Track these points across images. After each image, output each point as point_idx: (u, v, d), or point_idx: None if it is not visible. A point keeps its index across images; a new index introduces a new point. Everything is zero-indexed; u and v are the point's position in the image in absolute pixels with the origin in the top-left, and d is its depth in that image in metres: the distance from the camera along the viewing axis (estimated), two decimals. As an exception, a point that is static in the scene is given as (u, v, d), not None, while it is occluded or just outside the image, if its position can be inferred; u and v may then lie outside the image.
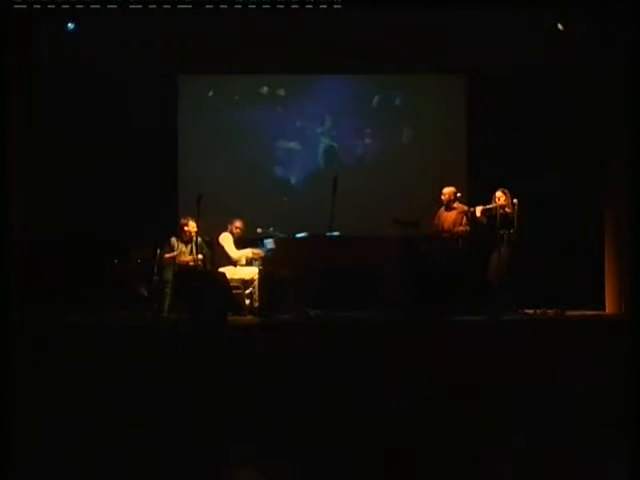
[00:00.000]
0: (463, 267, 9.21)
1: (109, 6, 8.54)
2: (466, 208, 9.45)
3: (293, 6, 8.62)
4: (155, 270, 9.26)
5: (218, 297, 8.63)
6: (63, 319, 8.69)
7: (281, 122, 10.81)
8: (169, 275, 9.29)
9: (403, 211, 9.45)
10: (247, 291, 9.43)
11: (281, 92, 10.84)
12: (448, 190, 9.50)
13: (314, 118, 10.85)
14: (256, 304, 9.29)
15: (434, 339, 7.40)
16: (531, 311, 9.13)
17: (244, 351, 7.07)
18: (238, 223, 9.58)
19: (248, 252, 9.57)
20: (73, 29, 9.46)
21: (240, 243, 9.64)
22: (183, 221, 9.46)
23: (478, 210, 9.20)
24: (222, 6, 8.62)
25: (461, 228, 9.40)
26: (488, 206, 9.17)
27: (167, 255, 9.39)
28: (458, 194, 9.52)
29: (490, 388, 6.38)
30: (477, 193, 9.90)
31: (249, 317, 9.21)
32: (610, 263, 9.62)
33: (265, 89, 10.82)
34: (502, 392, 6.37)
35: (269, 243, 9.26)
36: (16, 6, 8.32)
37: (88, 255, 9.69)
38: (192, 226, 9.36)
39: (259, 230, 9.56)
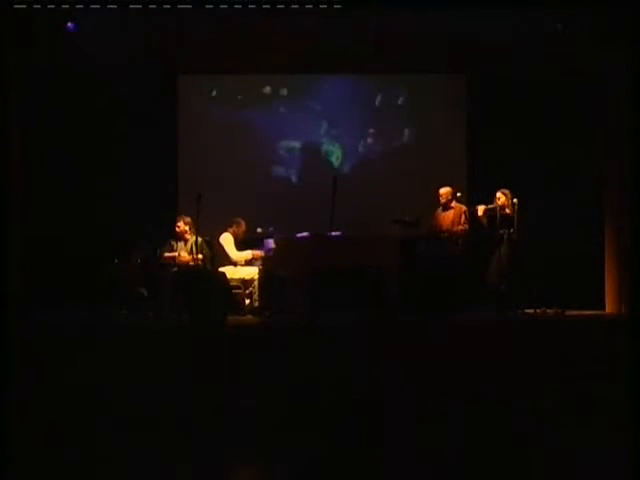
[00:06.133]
0: (463, 267, 9.22)
1: (109, 6, 8.54)
2: (464, 208, 9.46)
3: (293, 6, 8.62)
4: (155, 270, 9.26)
5: (218, 297, 8.63)
6: (62, 319, 8.69)
7: (281, 122, 10.81)
8: (169, 275, 9.29)
9: (403, 211, 9.45)
10: (247, 291, 9.43)
11: (281, 92, 10.84)
12: (444, 190, 9.51)
13: (314, 118, 10.85)
14: (256, 304, 9.30)
15: (434, 339, 7.41)
16: (531, 311, 9.14)
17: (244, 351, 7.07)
18: (240, 224, 9.58)
19: (248, 254, 9.57)
20: (73, 29, 9.46)
21: (241, 243, 9.64)
22: (177, 219, 9.49)
23: (480, 209, 9.20)
24: (222, 6, 8.63)
25: (460, 227, 9.41)
26: (490, 206, 9.17)
27: (167, 255, 9.39)
28: (458, 194, 9.52)
29: (490, 388, 6.38)
30: (477, 193, 9.91)
31: (249, 317, 9.21)
32: (610, 263, 9.63)
33: (265, 89, 10.82)
34: (502, 392, 6.37)
35: (269, 243, 9.26)
36: (16, 6, 8.33)
37: (88, 255, 9.70)
38: (185, 223, 9.38)
39: (259, 230, 9.56)
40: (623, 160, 8.76)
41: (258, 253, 9.49)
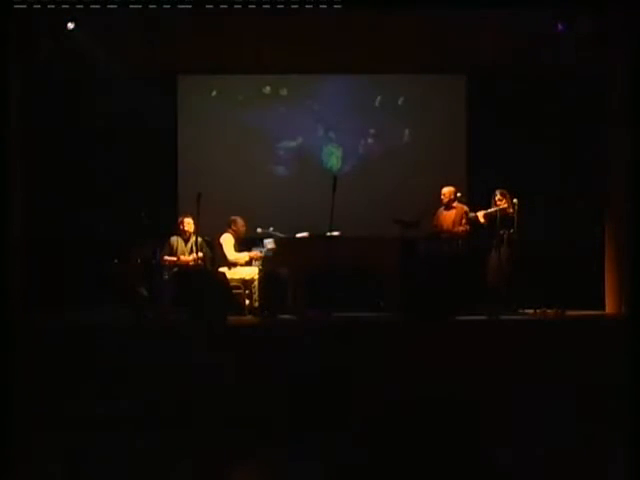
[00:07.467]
0: (463, 267, 9.20)
1: (109, 6, 8.54)
2: (466, 208, 9.45)
3: (293, 6, 8.61)
4: (155, 270, 9.26)
5: (218, 297, 8.63)
6: (63, 319, 8.68)
7: (281, 122, 10.81)
8: (169, 275, 9.28)
9: (403, 211, 9.44)
10: (247, 291, 9.41)
11: (281, 92, 10.84)
12: (447, 190, 9.49)
13: (314, 118, 10.85)
14: (256, 304, 9.29)
15: (434, 339, 7.40)
16: (531, 311, 9.13)
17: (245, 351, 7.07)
18: (240, 223, 9.56)
19: (245, 256, 9.53)
20: (73, 29, 9.45)
21: (241, 243, 9.62)
22: (180, 219, 9.48)
23: (480, 215, 9.19)
24: (222, 6, 8.62)
25: (461, 228, 9.39)
26: (490, 210, 9.16)
27: (167, 256, 9.38)
28: (458, 194, 9.51)
29: (490, 388, 6.38)
30: (477, 193, 9.90)
31: (249, 317, 9.20)
32: (610, 263, 9.62)
33: (265, 89, 10.82)
34: (502, 392, 6.37)
35: (269, 243, 9.26)
36: (16, 6, 8.31)
37: (88, 255, 9.69)
38: (188, 223, 9.37)
39: (259, 230, 9.55)
40: (623, 159, 8.75)
41: (255, 254, 9.47)
